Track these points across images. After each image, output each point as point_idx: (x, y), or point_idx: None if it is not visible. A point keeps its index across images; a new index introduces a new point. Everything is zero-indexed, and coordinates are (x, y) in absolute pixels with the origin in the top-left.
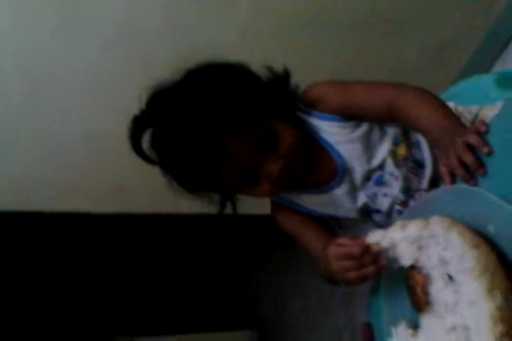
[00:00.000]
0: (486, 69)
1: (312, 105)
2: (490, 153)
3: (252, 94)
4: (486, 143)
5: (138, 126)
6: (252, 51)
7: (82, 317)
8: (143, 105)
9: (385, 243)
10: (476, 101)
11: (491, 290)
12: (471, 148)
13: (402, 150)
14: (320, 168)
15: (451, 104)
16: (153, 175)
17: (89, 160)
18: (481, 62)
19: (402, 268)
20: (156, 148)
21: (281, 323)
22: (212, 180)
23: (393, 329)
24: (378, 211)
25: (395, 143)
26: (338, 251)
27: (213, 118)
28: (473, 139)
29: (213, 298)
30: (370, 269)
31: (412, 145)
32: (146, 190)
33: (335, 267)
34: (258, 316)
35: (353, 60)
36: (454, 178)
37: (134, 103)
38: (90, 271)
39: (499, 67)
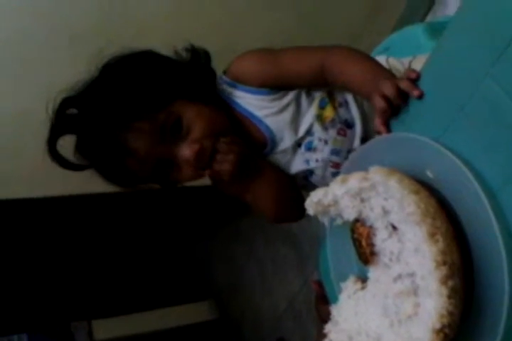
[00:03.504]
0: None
1: (239, 79)
2: (420, 96)
3: (147, 83)
4: (416, 87)
5: (52, 135)
6: (184, 23)
7: (37, 305)
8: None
9: (327, 200)
10: (409, 51)
11: (432, 235)
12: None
13: (328, 113)
14: (247, 141)
15: (382, 57)
16: None
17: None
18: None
19: (346, 223)
20: (79, 153)
21: (237, 291)
22: (127, 177)
23: (342, 285)
24: (312, 172)
25: (321, 107)
26: None
27: (107, 117)
28: (403, 84)
29: (167, 272)
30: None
31: (339, 105)
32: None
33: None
34: (214, 286)
35: (290, 27)
36: (388, 128)
37: (58, 81)
38: (42, 259)
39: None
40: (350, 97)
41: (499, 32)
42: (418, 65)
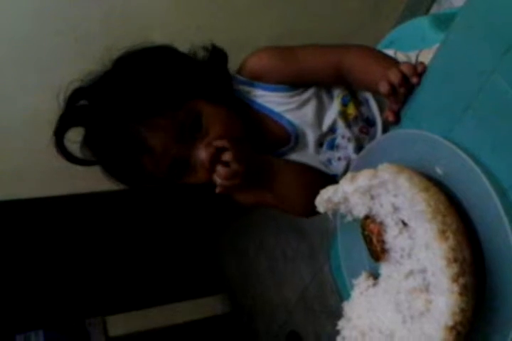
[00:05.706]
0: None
1: (256, 77)
2: (417, 83)
3: (167, 78)
4: (417, 74)
5: (60, 127)
6: (187, 20)
7: (52, 302)
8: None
9: (337, 198)
10: (414, 45)
11: (443, 232)
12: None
13: (351, 110)
14: (269, 139)
15: (391, 51)
16: None
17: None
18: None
19: (357, 221)
20: (87, 147)
21: (249, 284)
22: (137, 176)
23: (354, 281)
24: (335, 176)
25: (344, 104)
26: None
27: (124, 111)
28: (405, 67)
29: (179, 267)
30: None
31: (360, 103)
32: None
33: None
34: (226, 280)
35: (294, 22)
36: (398, 117)
37: (66, 81)
38: (57, 256)
39: (435, 10)
40: (370, 96)
41: (506, 27)
42: (424, 58)
